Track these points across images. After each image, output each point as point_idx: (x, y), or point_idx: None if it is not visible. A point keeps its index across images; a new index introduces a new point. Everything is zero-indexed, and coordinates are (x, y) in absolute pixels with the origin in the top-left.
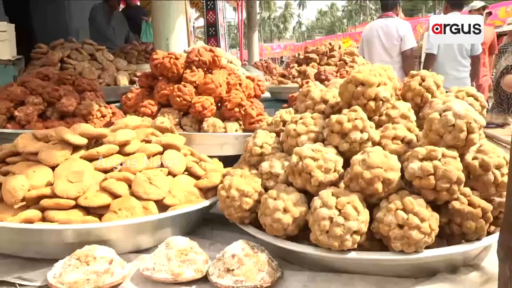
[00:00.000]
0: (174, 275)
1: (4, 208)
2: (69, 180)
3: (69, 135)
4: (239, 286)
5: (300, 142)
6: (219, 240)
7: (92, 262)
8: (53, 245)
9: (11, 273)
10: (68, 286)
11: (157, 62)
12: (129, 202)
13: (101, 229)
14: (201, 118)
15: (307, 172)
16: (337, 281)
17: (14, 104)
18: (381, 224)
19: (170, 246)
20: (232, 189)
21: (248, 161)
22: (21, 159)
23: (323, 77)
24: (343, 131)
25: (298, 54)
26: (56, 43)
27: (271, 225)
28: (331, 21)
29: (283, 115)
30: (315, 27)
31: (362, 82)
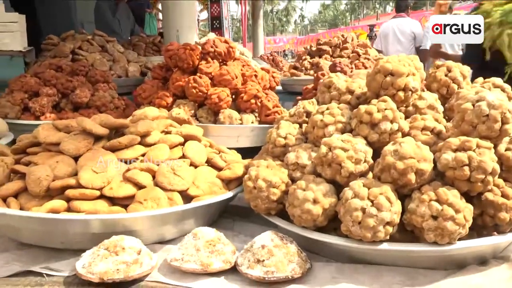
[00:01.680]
0: (203, 265)
1: (29, 198)
2: (94, 171)
3: (91, 125)
4: (270, 277)
5: (327, 132)
6: (241, 231)
7: (121, 253)
8: (79, 235)
9: (37, 263)
10: (98, 276)
11: (171, 53)
12: (154, 193)
13: (128, 220)
14: (217, 109)
15: (337, 163)
16: (365, 273)
17: (28, 95)
18: (413, 215)
19: (198, 237)
20: (259, 179)
21: (271, 152)
22: (42, 149)
23: (338, 69)
24: (373, 121)
25: (310, 46)
26: (67, 34)
27: (300, 216)
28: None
29: (306, 106)
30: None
31: (391, 72)
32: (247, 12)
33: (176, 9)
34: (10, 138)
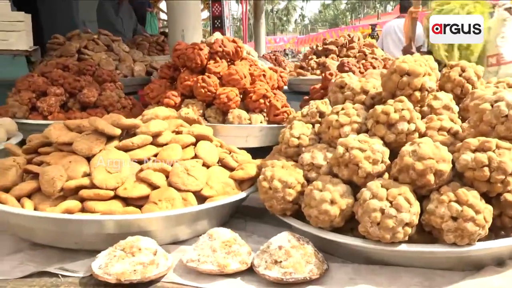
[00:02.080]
0: (220, 266)
1: (42, 198)
2: (108, 171)
3: (104, 125)
4: (288, 278)
5: (343, 133)
6: (254, 231)
7: (137, 253)
8: (93, 236)
9: (51, 263)
10: (115, 277)
11: (179, 53)
12: (169, 193)
13: (143, 220)
14: (226, 109)
15: (354, 163)
16: (382, 274)
17: (36, 94)
18: (432, 216)
19: (214, 238)
20: (275, 180)
21: (284, 152)
22: (53, 149)
23: (346, 68)
24: (390, 121)
25: (316, 46)
26: (72, 33)
27: (317, 216)
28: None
29: (319, 106)
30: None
31: (407, 72)
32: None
33: (181, 9)
34: (19, 138)
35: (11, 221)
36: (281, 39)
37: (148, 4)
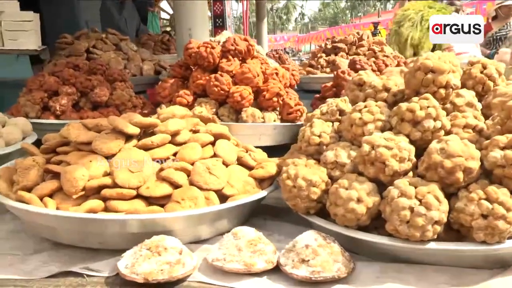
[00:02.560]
0: (247, 265)
1: (63, 198)
2: (130, 170)
3: (123, 125)
4: (316, 277)
5: (366, 130)
6: (275, 230)
7: (163, 253)
8: (117, 235)
9: (74, 263)
10: (143, 276)
11: (191, 52)
12: (191, 192)
13: (168, 220)
14: (239, 108)
15: (381, 161)
16: (410, 272)
17: (48, 94)
18: (461, 214)
19: (239, 237)
20: (299, 178)
21: (305, 151)
22: (72, 148)
23: (358, 66)
24: (415, 119)
25: (325, 44)
26: (81, 33)
27: (344, 215)
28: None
29: (339, 104)
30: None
31: (432, 69)
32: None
33: (188, 8)
34: (34, 138)
35: (35, 221)
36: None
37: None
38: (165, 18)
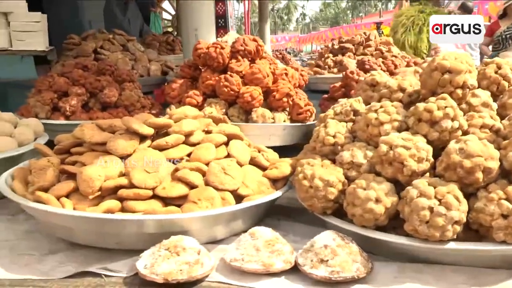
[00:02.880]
0: (265, 265)
1: (79, 198)
2: (146, 171)
3: (138, 125)
4: (336, 277)
5: (383, 131)
6: (289, 231)
7: (182, 253)
8: (134, 236)
9: (91, 263)
10: (163, 277)
11: (200, 52)
12: (208, 193)
13: (185, 220)
14: (249, 108)
15: (399, 161)
16: (428, 273)
17: (58, 95)
18: (481, 214)
19: (256, 237)
20: (316, 179)
21: (319, 151)
22: (86, 149)
23: (367, 66)
24: (433, 119)
25: (332, 44)
26: (88, 33)
27: (362, 215)
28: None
29: (353, 104)
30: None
31: (449, 70)
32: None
33: (194, 8)
34: (46, 139)
35: (52, 221)
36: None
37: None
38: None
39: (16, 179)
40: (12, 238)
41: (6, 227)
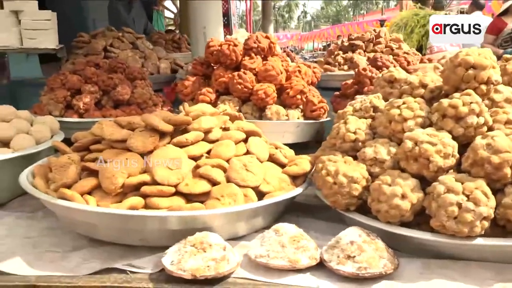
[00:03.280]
0: (291, 262)
1: (101, 195)
2: (169, 167)
3: (158, 122)
4: (363, 273)
5: (406, 127)
6: (309, 227)
7: (208, 249)
8: (157, 232)
9: (114, 260)
10: (190, 273)
11: (213, 50)
12: (230, 189)
13: (209, 216)
14: (263, 105)
15: (425, 157)
16: (453, 269)
17: (71, 92)
18: (509, 209)
19: (281, 233)
20: (340, 175)
21: (339, 147)
22: (105, 146)
23: (379, 63)
24: (458, 115)
25: (342, 42)
26: (97, 31)
27: (388, 211)
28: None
29: (373, 100)
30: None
31: (473, 65)
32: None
33: (203, 6)
34: (61, 136)
35: (76, 218)
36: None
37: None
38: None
39: (37, 177)
40: (34, 235)
41: (27, 224)
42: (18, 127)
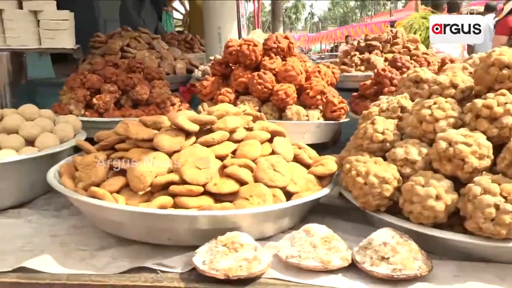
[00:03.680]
0: (324, 262)
1: (130, 194)
2: (197, 167)
3: (184, 122)
4: (398, 274)
5: (438, 127)
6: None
7: (240, 249)
8: (186, 232)
9: (143, 259)
10: (223, 272)
11: (232, 50)
12: (259, 189)
13: (238, 216)
14: (283, 106)
15: (460, 158)
16: (489, 272)
17: (91, 92)
18: None
19: (312, 234)
20: (371, 175)
21: (367, 148)
22: (130, 145)
23: (399, 64)
24: (493, 116)
25: (358, 42)
26: (114, 32)
27: (421, 212)
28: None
29: (400, 100)
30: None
31: (507, 65)
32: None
33: (218, 7)
34: (84, 136)
35: (106, 217)
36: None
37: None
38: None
39: (64, 175)
40: (60, 234)
41: (52, 223)
42: (42, 126)
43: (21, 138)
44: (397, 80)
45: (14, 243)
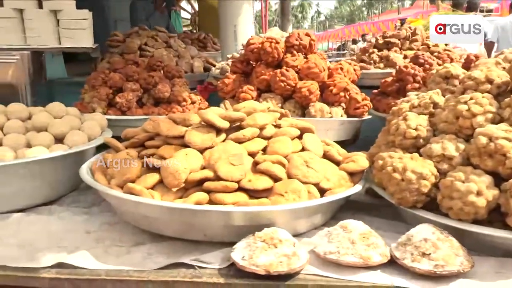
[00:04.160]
0: (363, 258)
1: (164, 190)
2: (231, 163)
3: (215, 119)
4: (440, 270)
5: (476, 123)
6: (368, 224)
7: (279, 245)
8: (222, 228)
9: (179, 255)
10: (264, 268)
11: (253, 47)
12: (294, 185)
13: (274, 212)
14: (306, 103)
15: (501, 154)
16: None
17: (113, 90)
18: None
19: (349, 230)
20: (408, 171)
21: (400, 144)
22: (160, 142)
23: (421, 61)
24: None
25: (376, 39)
26: (132, 31)
27: (461, 208)
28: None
29: (432, 96)
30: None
31: None
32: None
33: (234, 5)
34: (110, 133)
35: (141, 213)
36: None
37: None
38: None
39: (97, 172)
40: (94, 230)
41: (85, 220)
42: (71, 123)
43: (50, 135)
44: (420, 77)
45: (49, 239)
